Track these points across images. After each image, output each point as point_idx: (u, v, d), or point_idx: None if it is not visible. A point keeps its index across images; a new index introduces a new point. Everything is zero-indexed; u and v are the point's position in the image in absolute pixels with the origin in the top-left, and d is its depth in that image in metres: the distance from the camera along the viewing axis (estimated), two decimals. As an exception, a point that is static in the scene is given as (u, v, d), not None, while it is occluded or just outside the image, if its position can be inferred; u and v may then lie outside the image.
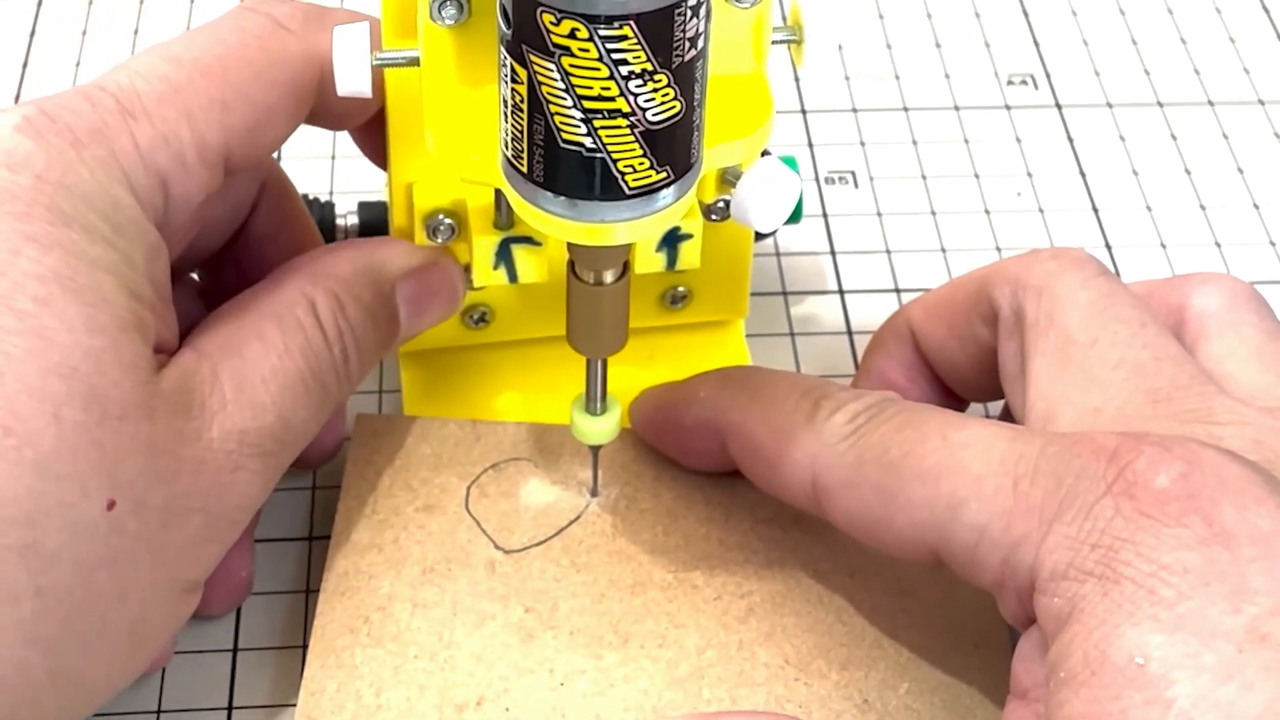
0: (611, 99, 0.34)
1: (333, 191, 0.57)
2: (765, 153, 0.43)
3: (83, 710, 0.39)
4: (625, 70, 0.34)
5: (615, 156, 0.35)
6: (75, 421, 0.36)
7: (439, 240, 0.45)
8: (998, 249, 0.56)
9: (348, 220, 0.51)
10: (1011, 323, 0.43)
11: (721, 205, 0.44)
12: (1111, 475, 0.34)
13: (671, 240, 0.45)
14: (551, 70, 0.34)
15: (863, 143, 0.60)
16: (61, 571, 0.36)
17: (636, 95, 0.34)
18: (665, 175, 0.36)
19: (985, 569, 0.36)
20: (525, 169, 0.36)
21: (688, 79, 0.35)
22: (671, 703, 0.41)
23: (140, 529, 0.37)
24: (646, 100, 0.34)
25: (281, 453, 0.41)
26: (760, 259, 0.55)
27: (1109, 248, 0.56)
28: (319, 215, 0.51)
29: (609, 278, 0.40)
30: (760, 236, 0.51)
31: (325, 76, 0.41)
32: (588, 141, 0.35)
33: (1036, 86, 0.62)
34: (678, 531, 0.45)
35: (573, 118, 0.35)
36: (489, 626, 0.43)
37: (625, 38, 0.33)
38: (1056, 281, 0.42)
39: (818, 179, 0.59)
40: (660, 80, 0.34)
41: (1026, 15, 0.65)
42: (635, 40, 0.33)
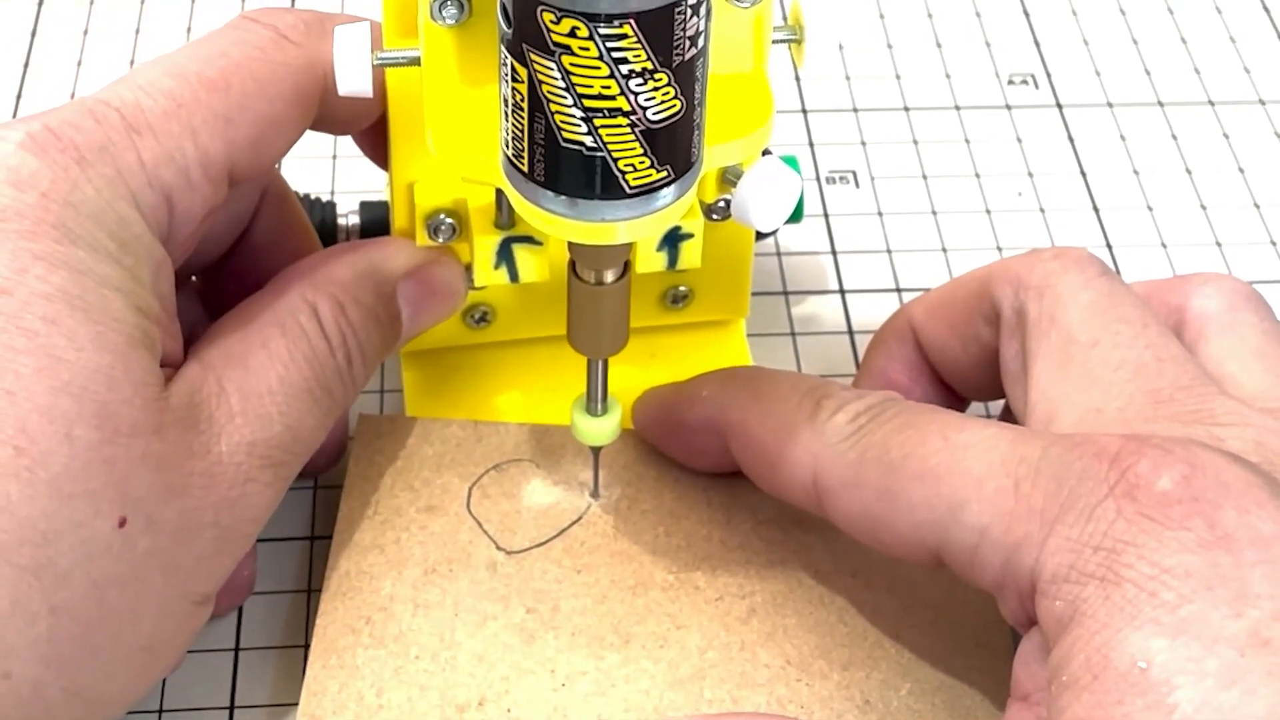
0: (612, 98, 0.34)
1: (334, 191, 0.57)
2: (766, 152, 0.43)
3: None
4: (625, 69, 0.34)
5: (616, 155, 0.35)
6: (86, 440, 0.36)
7: (440, 240, 0.45)
8: (998, 249, 0.56)
9: (349, 220, 0.51)
10: (1013, 322, 0.43)
11: (722, 205, 0.44)
12: (1113, 478, 0.34)
13: (672, 240, 0.45)
14: (552, 69, 0.34)
15: (863, 142, 0.60)
16: (75, 590, 0.36)
17: (637, 94, 0.34)
18: (666, 174, 0.36)
19: (986, 570, 0.36)
20: (526, 168, 0.36)
21: (688, 78, 0.35)
22: (673, 703, 0.41)
23: (152, 545, 0.37)
24: (647, 99, 0.34)
25: (290, 462, 0.41)
26: (761, 258, 0.55)
27: (1110, 247, 0.56)
28: (320, 215, 0.51)
29: (610, 277, 0.40)
30: (761, 236, 0.51)
31: (328, 85, 0.41)
32: (588, 140, 0.35)
33: (1037, 86, 0.62)
34: (679, 532, 0.45)
35: (573, 117, 0.35)
36: (490, 627, 0.43)
37: (625, 36, 0.33)
38: (1058, 281, 0.42)
39: (818, 178, 0.58)
40: (660, 79, 0.34)
41: (1027, 15, 0.65)
42: (635, 39, 0.33)
